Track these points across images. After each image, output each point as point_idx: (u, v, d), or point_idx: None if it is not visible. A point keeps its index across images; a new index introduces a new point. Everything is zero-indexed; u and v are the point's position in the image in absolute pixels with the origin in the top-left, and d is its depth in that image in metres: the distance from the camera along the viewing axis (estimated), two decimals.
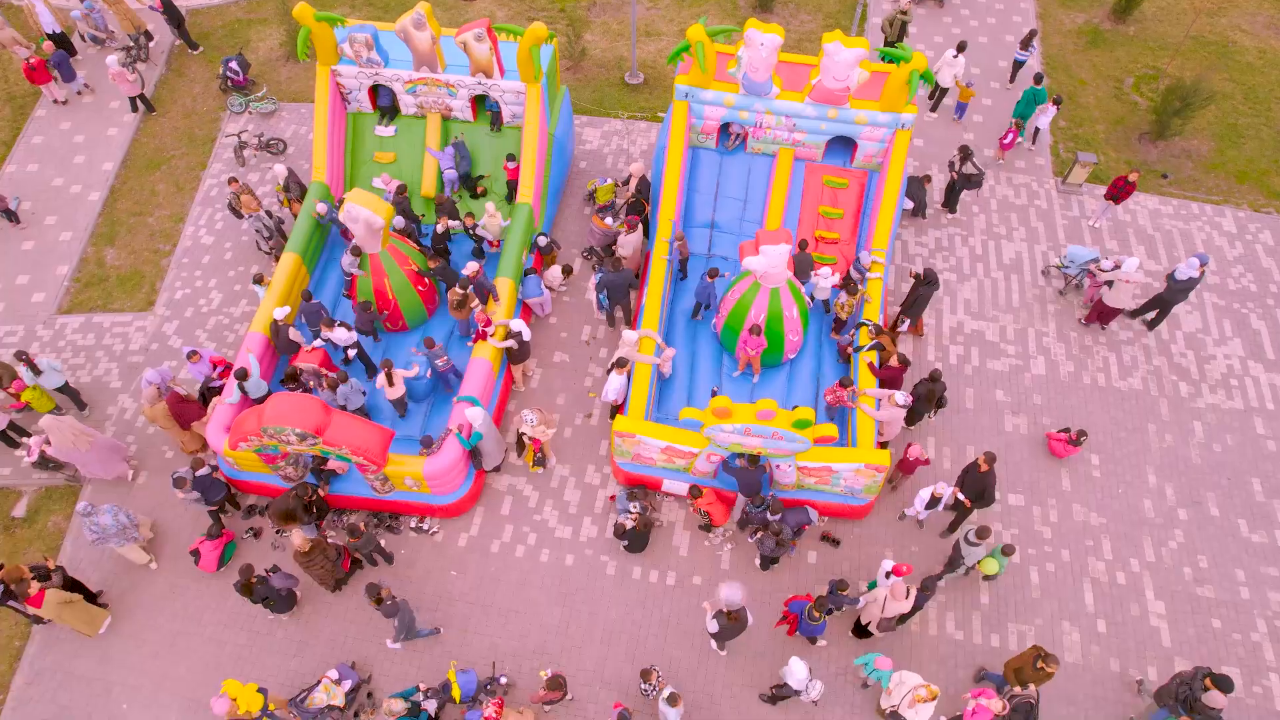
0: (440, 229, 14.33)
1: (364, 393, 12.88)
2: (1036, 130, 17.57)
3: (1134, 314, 15.20)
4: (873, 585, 11.84)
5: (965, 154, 15.80)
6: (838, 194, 15.14)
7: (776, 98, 14.32)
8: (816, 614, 10.88)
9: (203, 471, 12.12)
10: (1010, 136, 17.12)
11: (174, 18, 18.84)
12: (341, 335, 12.87)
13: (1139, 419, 14.27)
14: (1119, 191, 15.54)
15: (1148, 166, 17.67)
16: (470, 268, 13.35)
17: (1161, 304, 14.61)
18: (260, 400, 12.51)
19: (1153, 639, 12.20)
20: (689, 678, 11.77)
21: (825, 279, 13.71)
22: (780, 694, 11.16)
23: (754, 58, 13.75)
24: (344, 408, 12.76)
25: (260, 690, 10.35)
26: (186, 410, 12.80)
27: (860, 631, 11.96)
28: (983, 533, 11.50)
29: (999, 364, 14.86)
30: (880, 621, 11.28)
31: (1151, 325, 15.12)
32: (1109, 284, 14.35)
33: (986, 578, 12.38)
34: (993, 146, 17.88)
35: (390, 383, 12.42)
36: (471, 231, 14.53)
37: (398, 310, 13.55)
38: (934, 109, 18.43)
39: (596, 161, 17.70)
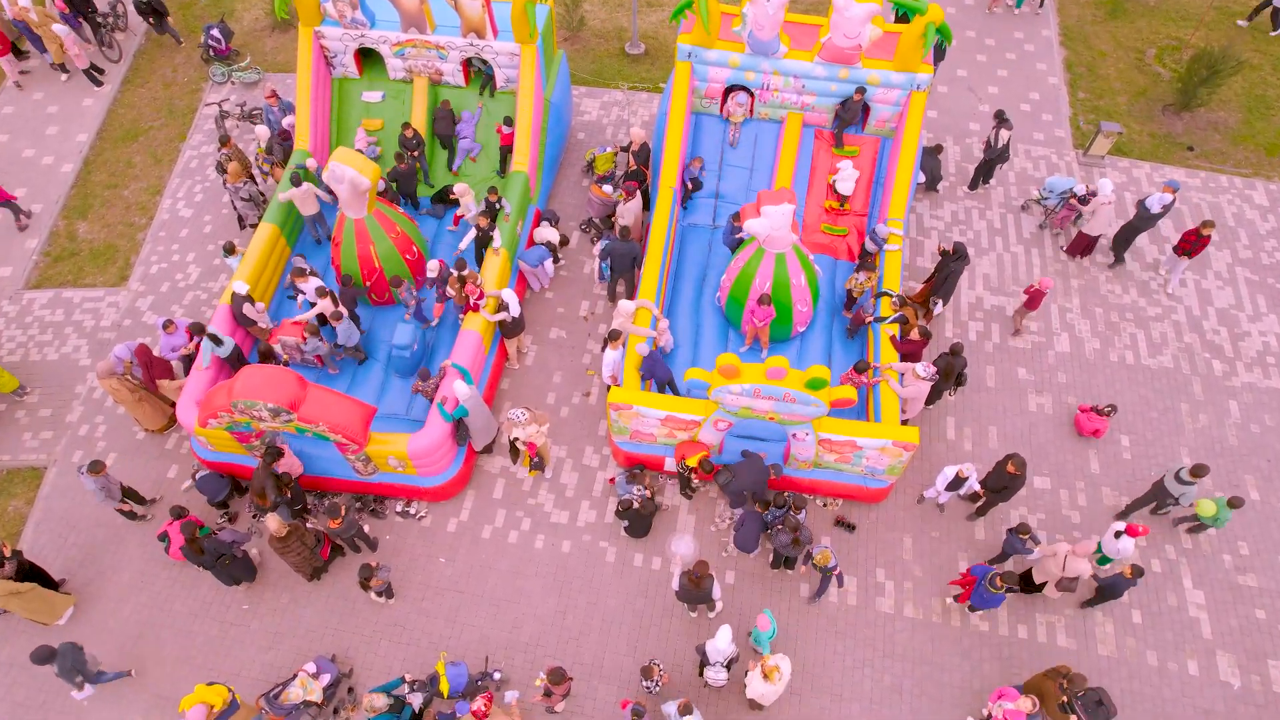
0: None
1: (354, 336, 12.14)
2: None
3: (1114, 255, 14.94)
4: (1103, 560, 11.00)
5: (1001, 119, 14.82)
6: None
7: (784, 57, 13.51)
8: (999, 583, 10.00)
9: (204, 473, 11.31)
10: None
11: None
12: (314, 285, 12.09)
13: (1170, 398, 13.44)
14: (1191, 245, 13.76)
15: (1173, 138, 16.87)
16: (432, 266, 12.37)
17: (1130, 232, 14.34)
18: (229, 359, 11.76)
19: (1192, 630, 11.37)
20: (694, 671, 10.90)
21: (847, 170, 13.32)
22: (705, 660, 10.18)
23: (760, 15, 12.94)
24: (341, 347, 12.12)
25: (210, 685, 9.63)
26: (155, 366, 12.05)
27: (1028, 584, 11.20)
28: (1199, 470, 10.79)
29: (1021, 341, 14.03)
30: (1060, 580, 10.44)
31: (1116, 258, 14.87)
32: (1079, 213, 14.38)
33: (1200, 520, 11.49)
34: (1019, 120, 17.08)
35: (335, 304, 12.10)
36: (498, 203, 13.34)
37: (383, 280, 12.69)
38: None
39: (595, 133, 16.88)
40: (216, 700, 9.47)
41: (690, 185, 14.11)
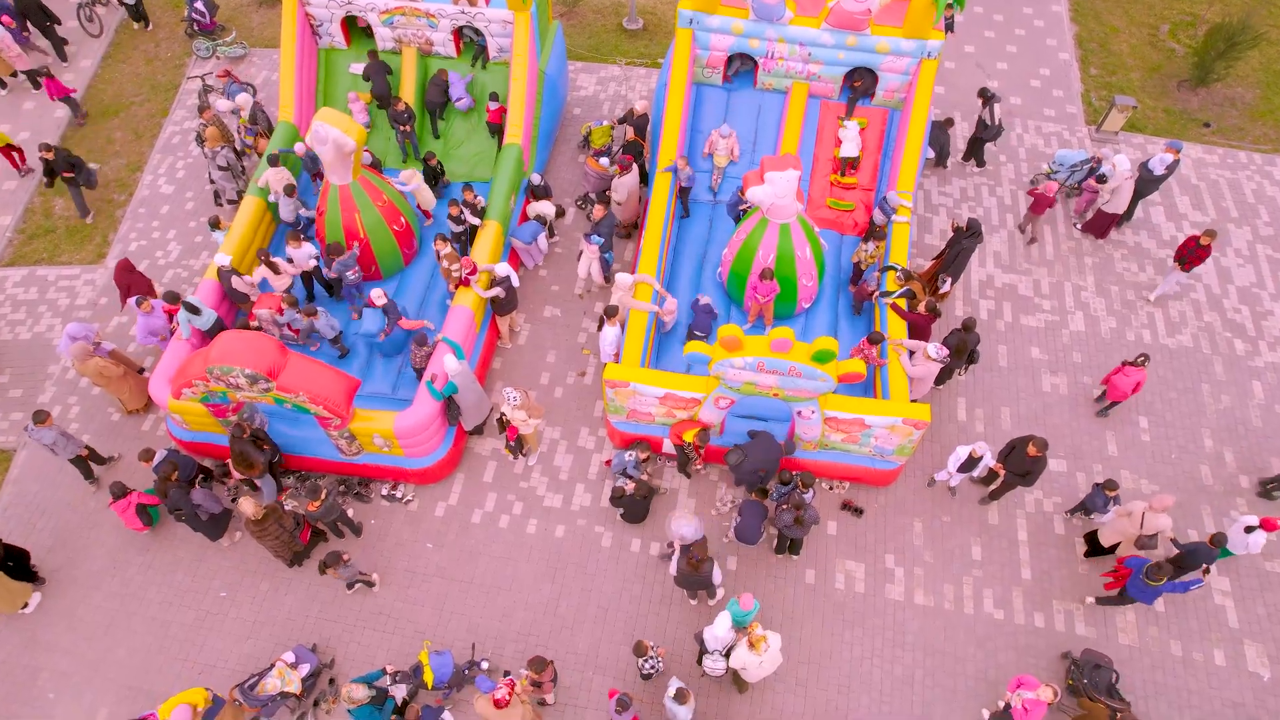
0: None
1: (335, 326, 11.58)
2: None
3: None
4: (1225, 553, 10.45)
5: (987, 98, 14.28)
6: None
7: (790, 23, 12.96)
8: (1158, 576, 9.37)
9: (159, 458, 10.76)
10: None
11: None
12: (306, 251, 11.57)
13: (1191, 379, 12.89)
14: (1190, 255, 12.67)
15: (1188, 114, 16.33)
16: (377, 295, 11.06)
17: (1134, 196, 13.91)
18: (209, 332, 11.28)
19: (1217, 618, 10.81)
20: (693, 660, 10.34)
21: (850, 130, 13.07)
22: (703, 649, 9.58)
23: None
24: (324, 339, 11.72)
25: (191, 690, 9.13)
26: (136, 285, 11.77)
27: (1095, 547, 10.68)
28: None
29: (1034, 320, 13.49)
30: (1139, 539, 9.84)
31: (1119, 223, 14.49)
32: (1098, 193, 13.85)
33: None
34: (1021, 96, 16.55)
35: (275, 271, 11.58)
36: (461, 215, 12.53)
37: (369, 252, 12.13)
38: None
39: (592, 108, 16.33)
40: (199, 699, 8.96)
41: (680, 190, 13.40)
